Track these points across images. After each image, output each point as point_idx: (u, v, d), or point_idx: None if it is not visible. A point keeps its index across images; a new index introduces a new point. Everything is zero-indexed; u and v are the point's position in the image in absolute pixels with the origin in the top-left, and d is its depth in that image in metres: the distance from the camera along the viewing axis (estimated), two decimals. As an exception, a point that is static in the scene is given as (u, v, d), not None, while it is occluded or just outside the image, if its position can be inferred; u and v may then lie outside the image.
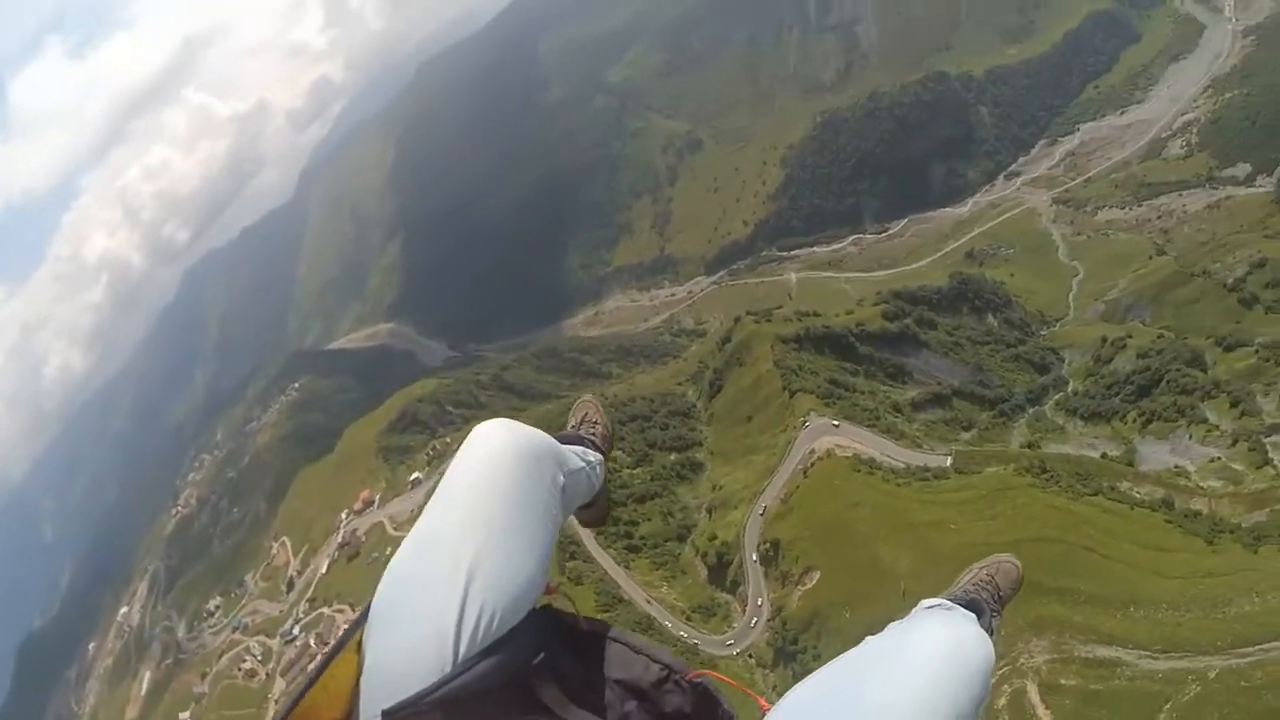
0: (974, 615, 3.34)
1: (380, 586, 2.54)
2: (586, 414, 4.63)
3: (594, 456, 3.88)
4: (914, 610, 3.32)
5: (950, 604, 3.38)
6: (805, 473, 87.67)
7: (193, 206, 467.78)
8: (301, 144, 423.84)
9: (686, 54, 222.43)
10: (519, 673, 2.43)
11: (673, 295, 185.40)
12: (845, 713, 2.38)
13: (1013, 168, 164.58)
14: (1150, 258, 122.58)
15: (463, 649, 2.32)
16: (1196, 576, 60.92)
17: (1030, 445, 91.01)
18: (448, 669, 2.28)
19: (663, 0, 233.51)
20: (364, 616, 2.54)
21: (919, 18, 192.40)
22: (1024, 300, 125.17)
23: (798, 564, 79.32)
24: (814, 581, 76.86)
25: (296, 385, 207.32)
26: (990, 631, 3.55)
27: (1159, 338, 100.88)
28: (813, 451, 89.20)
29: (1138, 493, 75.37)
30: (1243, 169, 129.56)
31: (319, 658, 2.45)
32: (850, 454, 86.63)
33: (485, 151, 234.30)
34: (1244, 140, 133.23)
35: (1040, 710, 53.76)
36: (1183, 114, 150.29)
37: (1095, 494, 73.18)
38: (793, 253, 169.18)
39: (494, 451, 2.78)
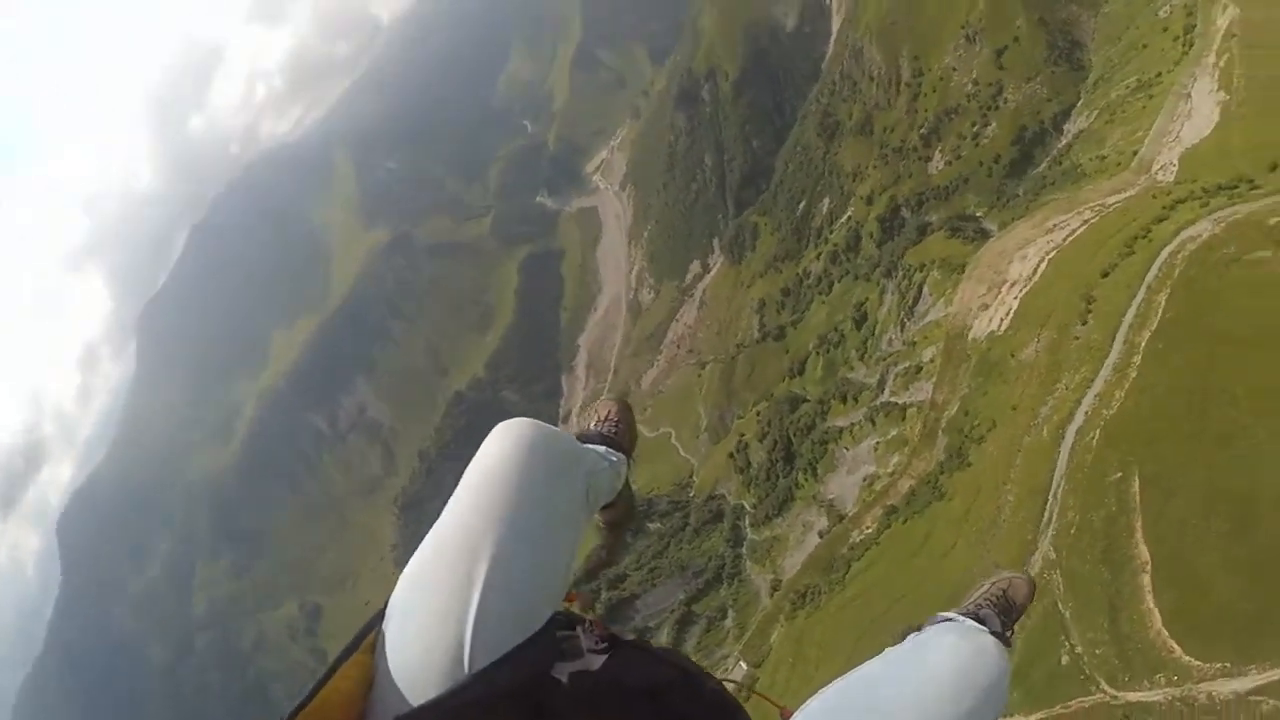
0: (987, 628, 3.32)
1: (397, 588, 2.44)
2: (608, 412, 4.09)
3: (616, 456, 3.65)
4: (928, 624, 3.35)
5: (964, 618, 3.43)
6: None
7: None
8: None
9: (243, 538, 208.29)
10: (535, 681, 2.32)
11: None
12: (865, 718, 2.50)
13: (562, 410, 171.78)
14: (700, 375, 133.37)
15: (478, 655, 2.21)
16: (968, 521, 61.14)
17: (775, 585, 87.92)
18: (462, 675, 2.19)
19: (197, 495, 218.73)
20: (378, 618, 2.44)
21: (408, 369, 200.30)
22: (656, 488, 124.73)
23: None
24: None
25: None
26: (1006, 644, 3.36)
27: (758, 416, 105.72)
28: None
29: (868, 528, 75.16)
30: (695, 267, 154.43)
31: (332, 659, 2.34)
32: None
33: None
34: (677, 252, 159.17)
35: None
36: (630, 272, 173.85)
37: (848, 566, 72.75)
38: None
39: (514, 449, 2.62)
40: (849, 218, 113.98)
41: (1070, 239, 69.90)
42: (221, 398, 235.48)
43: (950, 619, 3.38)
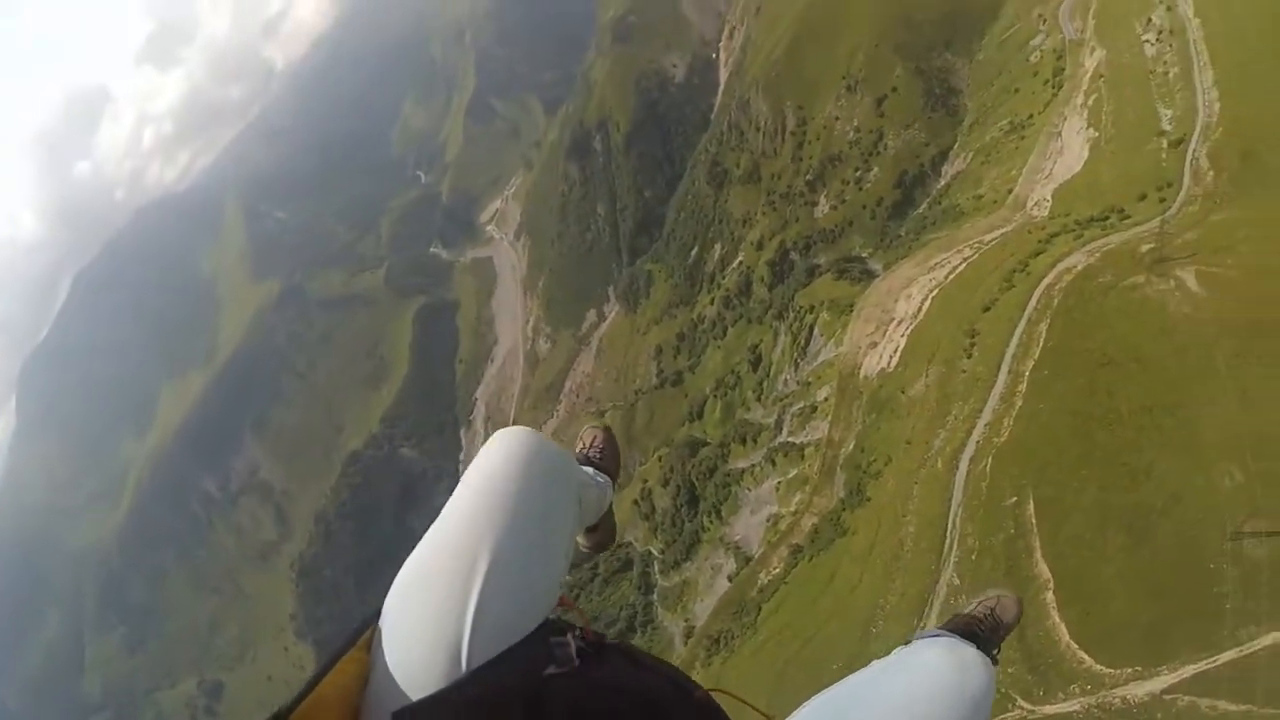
0: (973, 644, 3.35)
1: (394, 585, 2.49)
2: (594, 439, 4.42)
3: (603, 478, 3.95)
4: (915, 639, 3.37)
5: (950, 634, 3.49)
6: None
7: None
8: None
9: (134, 610, 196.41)
10: (528, 683, 2.35)
11: None
12: None
13: (462, 467, 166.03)
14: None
15: (475, 654, 2.27)
16: (872, 555, 61.01)
17: (689, 631, 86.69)
18: (460, 673, 2.24)
19: (84, 564, 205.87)
20: (374, 615, 2.47)
21: (300, 426, 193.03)
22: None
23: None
24: None
25: None
26: (992, 661, 3.55)
27: (660, 461, 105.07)
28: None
29: (775, 568, 74.54)
30: (591, 316, 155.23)
31: (327, 655, 2.39)
32: None
33: None
34: (573, 301, 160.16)
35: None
36: (526, 322, 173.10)
37: (759, 608, 72.34)
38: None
39: (517, 456, 2.69)
40: (740, 263, 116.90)
41: (952, 276, 71.89)
42: (107, 457, 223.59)
43: (937, 634, 3.36)
